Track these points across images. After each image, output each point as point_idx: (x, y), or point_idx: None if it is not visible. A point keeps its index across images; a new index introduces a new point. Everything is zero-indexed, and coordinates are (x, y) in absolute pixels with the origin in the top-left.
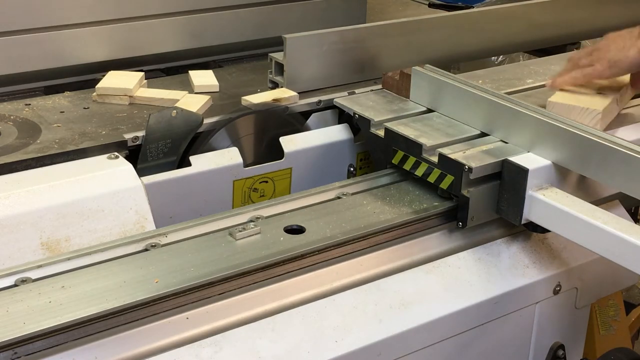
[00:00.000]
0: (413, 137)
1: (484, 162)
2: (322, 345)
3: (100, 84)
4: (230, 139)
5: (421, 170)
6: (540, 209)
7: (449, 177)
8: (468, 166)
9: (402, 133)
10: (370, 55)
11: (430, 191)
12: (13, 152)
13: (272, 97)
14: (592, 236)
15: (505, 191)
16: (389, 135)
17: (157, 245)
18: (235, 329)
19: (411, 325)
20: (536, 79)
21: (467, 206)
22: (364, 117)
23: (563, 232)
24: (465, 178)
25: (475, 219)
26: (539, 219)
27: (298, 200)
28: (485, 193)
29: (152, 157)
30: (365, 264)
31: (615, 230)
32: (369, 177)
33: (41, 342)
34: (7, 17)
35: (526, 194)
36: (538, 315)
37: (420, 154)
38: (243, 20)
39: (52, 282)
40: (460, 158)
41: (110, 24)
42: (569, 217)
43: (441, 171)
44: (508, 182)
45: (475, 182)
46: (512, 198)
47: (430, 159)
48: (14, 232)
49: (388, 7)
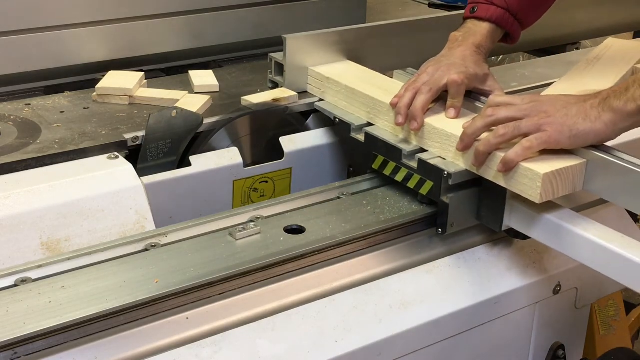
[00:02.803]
0: (393, 142)
1: (464, 167)
2: (322, 345)
3: (100, 84)
4: (230, 139)
5: (401, 175)
6: (520, 215)
7: (429, 182)
8: (447, 172)
9: (382, 138)
10: (371, 55)
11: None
12: (13, 152)
13: (272, 97)
14: (572, 244)
15: (486, 197)
16: (369, 140)
17: (157, 245)
18: (235, 329)
19: (411, 325)
20: (521, 83)
21: (446, 212)
22: (344, 121)
23: (543, 240)
24: (444, 184)
25: (455, 226)
26: (519, 225)
27: (298, 200)
28: (466, 199)
29: (152, 157)
30: (365, 264)
31: (595, 238)
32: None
33: (41, 342)
34: (7, 17)
35: (506, 200)
36: (538, 315)
37: (400, 159)
38: (243, 20)
39: (52, 282)
40: (440, 164)
41: (110, 24)
42: (549, 224)
43: (421, 177)
44: (488, 188)
45: (455, 188)
46: (492, 204)
47: (410, 164)
48: (14, 232)
49: (388, 7)
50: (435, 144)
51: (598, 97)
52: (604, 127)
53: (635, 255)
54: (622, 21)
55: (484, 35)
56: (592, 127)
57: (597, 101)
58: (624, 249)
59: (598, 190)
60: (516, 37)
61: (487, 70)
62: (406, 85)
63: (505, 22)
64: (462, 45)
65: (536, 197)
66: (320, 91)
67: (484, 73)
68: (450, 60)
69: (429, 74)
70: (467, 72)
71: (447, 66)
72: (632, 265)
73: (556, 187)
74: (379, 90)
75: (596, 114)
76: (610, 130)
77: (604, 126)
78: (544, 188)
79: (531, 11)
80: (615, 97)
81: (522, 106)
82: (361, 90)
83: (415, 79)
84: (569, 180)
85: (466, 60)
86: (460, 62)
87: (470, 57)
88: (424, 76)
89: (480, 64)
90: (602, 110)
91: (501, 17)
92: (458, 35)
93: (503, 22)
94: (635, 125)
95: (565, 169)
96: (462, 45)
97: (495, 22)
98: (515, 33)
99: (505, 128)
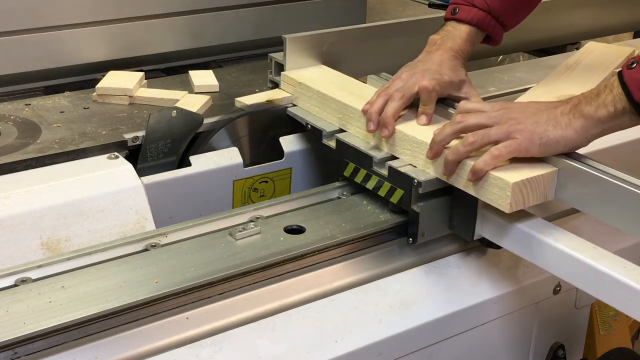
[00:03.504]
0: (364, 149)
1: (434, 175)
2: (322, 345)
3: (100, 84)
4: (230, 139)
5: (372, 183)
6: (491, 225)
7: (399, 191)
8: (417, 180)
9: (353, 145)
10: (371, 55)
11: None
12: (13, 152)
13: (266, 98)
14: (543, 254)
15: (457, 206)
16: (340, 147)
17: (157, 245)
18: (235, 329)
19: (411, 325)
20: (499, 87)
21: (417, 221)
22: (316, 127)
23: (514, 250)
24: (414, 192)
25: (426, 235)
26: (490, 235)
27: (298, 200)
28: (437, 208)
29: (152, 157)
30: (364, 265)
31: (566, 249)
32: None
33: (41, 342)
34: (7, 17)
35: (478, 209)
36: (538, 315)
37: (371, 167)
38: (243, 20)
39: (52, 282)
40: (410, 171)
41: (110, 24)
42: (520, 234)
43: (391, 185)
44: (460, 196)
45: (425, 197)
46: (464, 213)
47: (381, 172)
48: (14, 232)
49: (388, 7)
50: (406, 151)
51: (569, 103)
52: (574, 134)
53: (606, 266)
54: (622, 21)
55: (463, 38)
56: (563, 134)
57: (567, 107)
58: (595, 260)
59: (569, 199)
60: (498, 40)
61: (464, 76)
62: (379, 91)
63: (486, 24)
64: (440, 50)
65: (506, 206)
66: (293, 96)
67: (460, 79)
68: (425, 66)
69: (402, 79)
70: (441, 78)
71: (421, 72)
72: (602, 277)
73: (527, 196)
74: (351, 96)
75: (567, 121)
76: (582, 137)
77: (574, 133)
78: (513, 197)
79: (513, 13)
80: (586, 102)
81: (492, 113)
82: (333, 96)
83: (389, 85)
84: (539, 189)
85: (442, 66)
86: (436, 67)
87: (447, 62)
88: (397, 82)
89: (456, 70)
90: (573, 116)
91: (482, 19)
92: (437, 38)
93: (484, 25)
94: (607, 131)
95: (535, 178)
96: (439, 49)
97: (476, 24)
98: (497, 36)
99: (474, 136)
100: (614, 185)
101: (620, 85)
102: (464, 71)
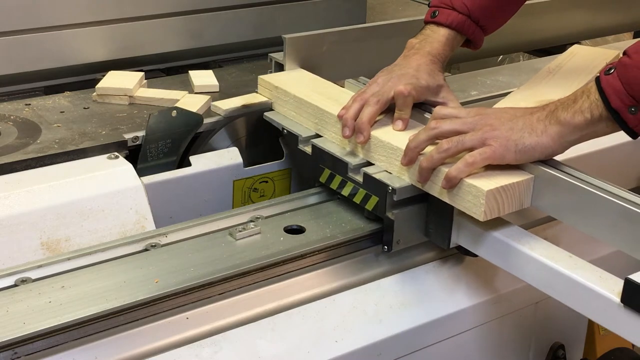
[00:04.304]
0: (339, 155)
1: (409, 182)
2: (322, 345)
3: (100, 84)
4: (230, 139)
5: (347, 190)
6: (467, 233)
7: (374, 198)
8: (392, 187)
9: (328, 150)
10: (370, 55)
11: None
12: (13, 152)
13: (242, 103)
14: (517, 263)
15: (433, 213)
16: (316, 152)
17: (157, 245)
18: (235, 329)
19: (411, 325)
20: (481, 91)
21: (392, 229)
22: (292, 132)
23: (490, 258)
24: (389, 199)
25: (402, 243)
26: (466, 243)
27: (298, 200)
28: (412, 215)
29: (152, 157)
30: (364, 265)
31: (541, 258)
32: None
33: (41, 342)
34: (7, 17)
35: (454, 217)
36: (538, 315)
37: (346, 173)
38: (243, 20)
39: (52, 282)
40: (385, 178)
41: (110, 24)
42: (495, 242)
43: (366, 192)
44: (435, 204)
45: (400, 204)
46: (440, 221)
47: (356, 179)
48: (14, 232)
49: (388, 7)
50: (382, 157)
51: (545, 109)
52: (550, 141)
53: (581, 276)
54: (622, 21)
55: (442, 42)
56: (539, 141)
57: (544, 114)
58: (570, 269)
59: (546, 207)
60: (478, 44)
61: (442, 80)
62: (354, 96)
63: (466, 28)
64: (418, 54)
65: (480, 214)
66: (270, 100)
67: (438, 84)
68: (402, 70)
69: (378, 84)
70: (418, 83)
71: (397, 77)
72: (577, 286)
73: (501, 204)
74: (327, 101)
75: (542, 127)
76: (558, 144)
77: (550, 140)
78: (488, 205)
79: (494, 17)
80: (563, 109)
81: (467, 119)
82: (309, 100)
83: (365, 89)
84: (515, 197)
85: (419, 71)
86: (413, 72)
87: (424, 66)
88: (373, 86)
89: (434, 74)
90: (549, 123)
91: (462, 23)
92: (415, 42)
93: (464, 29)
94: (584, 138)
95: (511, 185)
96: (417, 54)
97: (456, 28)
98: (477, 39)
99: (449, 142)
100: (590, 193)
101: (598, 91)
102: (442, 76)
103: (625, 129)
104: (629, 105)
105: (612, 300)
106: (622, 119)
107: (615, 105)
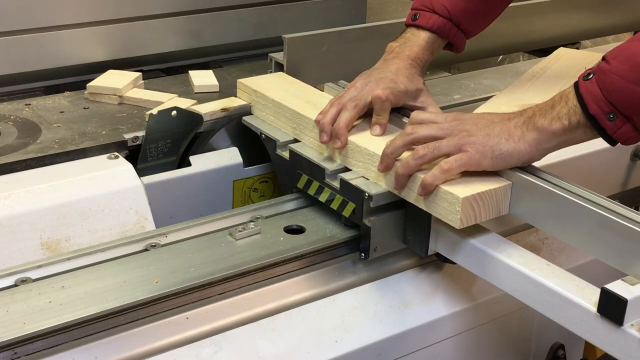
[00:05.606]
0: (316, 160)
1: (386, 189)
2: (322, 345)
3: (92, 83)
4: (230, 139)
5: (324, 196)
6: (445, 240)
7: (351, 204)
8: (368, 193)
9: (305, 156)
10: (370, 56)
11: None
12: (13, 152)
13: (221, 107)
14: (494, 271)
15: (411, 220)
16: (293, 158)
17: (157, 245)
18: (235, 329)
19: (411, 325)
20: (464, 95)
21: (369, 236)
22: (270, 137)
23: (467, 266)
24: (366, 206)
25: (379, 250)
26: (444, 250)
27: (298, 200)
28: (390, 222)
29: (152, 157)
30: (363, 264)
31: (518, 266)
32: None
33: (41, 342)
34: (7, 17)
35: (432, 224)
36: (538, 315)
37: (323, 179)
38: (243, 20)
39: (52, 282)
40: (361, 184)
41: (110, 24)
42: (472, 250)
43: (343, 198)
44: (413, 211)
45: (377, 211)
46: (418, 228)
47: (333, 184)
48: (14, 232)
49: (388, 7)
50: (359, 162)
51: (523, 115)
52: (527, 148)
53: (558, 285)
54: (622, 21)
55: (422, 46)
56: (515, 147)
57: (521, 120)
58: (547, 278)
59: (523, 215)
60: (460, 48)
61: (421, 85)
62: (332, 101)
63: (447, 32)
64: (397, 58)
65: (456, 222)
66: (249, 104)
67: (416, 88)
68: (381, 74)
69: (356, 88)
70: (396, 87)
71: (376, 81)
72: (554, 295)
73: (478, 211)
74: (306, 105)
75: (520, 134)
76: (535, 150)
77: (527, 146)
78: (464, 212)
79: (475, 20)
80: (541, 115)
81: (444, 125)
82: (287, 105)
83: (342, 93)
84: (492, 204)
85: (398, 75)
86: (392, 76)
87: (403, 70)
88: (351, 91)
89: (413, 79)
90: (527, 129)
91: (442, 26)
92: (395, 45)
93: (445, 32)
94: (561, 145)
95: (487, 192)
96: (397, 58)
97: (436, 32)
98: (458, 43)
99: (425, 149)
100: (567, 200)
101: (576, 97)
102: (421, 80)
103: (604, 136)
104: (607, 112)
105: (589, 310)
106: (601, 126)
107: (594, 112)
